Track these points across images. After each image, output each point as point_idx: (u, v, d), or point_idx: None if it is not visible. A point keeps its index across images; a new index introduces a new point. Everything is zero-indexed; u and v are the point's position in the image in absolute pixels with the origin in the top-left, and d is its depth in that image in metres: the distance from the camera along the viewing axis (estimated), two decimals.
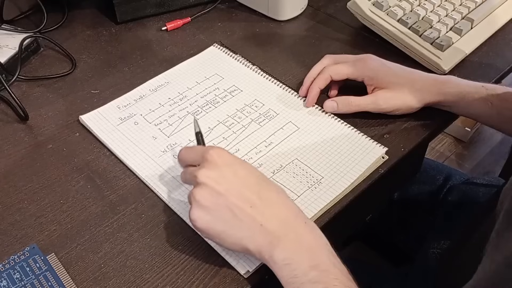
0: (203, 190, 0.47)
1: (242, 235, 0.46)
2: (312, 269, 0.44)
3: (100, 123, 0.65)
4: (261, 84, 0.71)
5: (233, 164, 0.49)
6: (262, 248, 0.46)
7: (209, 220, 0.47)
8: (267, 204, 0.47)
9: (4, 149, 0.62)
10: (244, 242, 0.46)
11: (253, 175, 0.49)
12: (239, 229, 0.46)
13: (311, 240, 0.47)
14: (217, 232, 0.47)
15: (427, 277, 0.72)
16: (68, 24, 0.82)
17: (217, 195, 0.47)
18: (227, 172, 0.48)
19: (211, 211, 0.47)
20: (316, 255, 0.45)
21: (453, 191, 0.82)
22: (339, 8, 0.85)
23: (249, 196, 0.47)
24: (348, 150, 0.61)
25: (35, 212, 0.55)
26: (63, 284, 0.49)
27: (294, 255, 0.45)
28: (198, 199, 0.47)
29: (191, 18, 0.83)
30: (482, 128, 1.78)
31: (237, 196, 0.47)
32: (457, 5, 0.78)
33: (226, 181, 0.47)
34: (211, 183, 0.47)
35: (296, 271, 0.44)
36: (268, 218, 0.46)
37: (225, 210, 0.47)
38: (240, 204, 0.47)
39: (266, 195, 0.48)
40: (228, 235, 0.47)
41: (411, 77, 0.65)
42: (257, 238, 0.46)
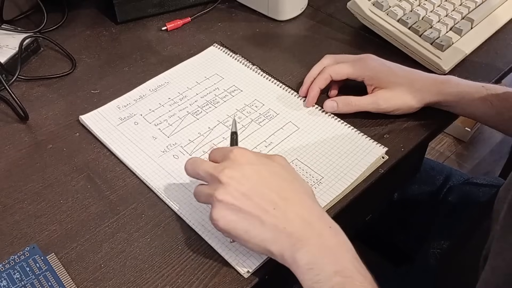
0: (226, 190, 0.46)
1: (265, 237, 0.46)
2: (336, 275, 0.43)
3: (100, 123, 0.65)
4: (261, 84, 0.71)
5: (256, 164, 0.48)
6: (284, 251, 0.45)
7: (232, 220, 0.46)
8: (290, 205, 0.47)
9: (4, 149, 0.62)
10: (267, 245, 0.46)
11: (277, 175, 0.49)
12: (262, 231, 0.46)
13: (335, 244, 0.46)
14: (239, 233, 0.47)
15: (427, 277, 0.72)
16: (68, 24, 0.82)
17: (240, 195, 0.46)
18: (250, 172, 0.48)
19: (234, 212, 0.46)
20: (340, 260, 0.44)
21: (453, 191, 0.82)
22: (339, 8, 0.85)
23: (272, 197, 0.47)
24: (348, 150, 0.61)
25: (35, 212, 0.55)
26: (63, 284, 0.49)
27: (318, 259, 0.44)
28: (221, 198, 0.46)
29: (191, 18, 0.83)
30: (482, 128, 1.78)
31: (260, 197, 0.46)
32: (457, 5, 0.78)
33: (249, 181, 0.47)
34: (234, 183, 0.47)
35: (319, 276, 0.43)
36: (291, 220, 0.46)
37: (249, 211, 0.46)
38: (263, 205, 0.46)
39: (289, 196, 0.47)
40: (250, 236, 0.46)
41: (411, 77, 0.65)
42: (279, 241, 0.45)
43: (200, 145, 0.62)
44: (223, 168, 0.48)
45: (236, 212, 0.46)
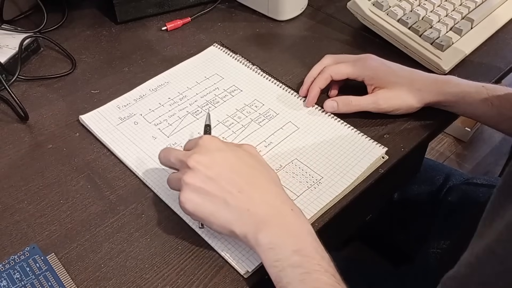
0: (194, 174, 0.48)
1: (230, 218, 0.48)
2: (294, 254, 0.45)
3: (100, 123, 0.65)
4: (261, 84, 0.71)
5: (224, 150, 0.50)
6: (248, 232, 0.47)
7: (198, 202, 0.48)
8: (255, 189, 0.49)
9: (4, 149, 0.62)
10: (231, 226, 0.48)
11: (244, 162, 0.50)
12: (227, 213, 0.48)
13: (296, 226, 0.48)
14: (205, 214, 0.48)
15: (427, 277, 0.71)
16: (68, 24, 0.82)
17: (207, 179, 0.48)
18: (218, 157, 0.50)
19: (201, 194, 0.48)
20: (300, 241, 0.46)
21: (453, 191, 0.82)
22: (339, 8, 0.85)
23: (238, 181, 0.48)
24: (348, 150, 0.61)
25: (35, 212, 0.55)
26: (63, 284, 0.49)
27: (278, 240, 0.46)
28: (188, 181, 0.48)
29: (191, 18, 0.83)
30: (482, 128, 1.78)
31: (227, 180, 0.48)
32: (457, 5, 0.78)
33: (216, 166, 0.49)
34: (201, 168, 0.48)
35: (279, 255, 0.45)
36: (256, 203, 0.48)
37: (214, 193, 0.48)
38: (229, 188, 0.48)
39: (255, 181, 0.49)
40: (216, 217, 0.48)
41: (411, 77, 0.65)
42: (243, 222, 0.47)
43: None
44: (192, 153, 0.50)
45: (202, 195, 0.48)
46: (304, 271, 0.44)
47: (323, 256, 0.46)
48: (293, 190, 0.57)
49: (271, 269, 0.46)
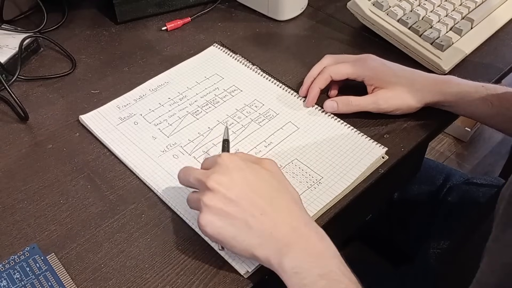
0: (214, 195, 0.47)
1: (252, 242, 0.46)
2: (321, 278, 0.44)
3: (100, 123, 0.65)
4: (261, 84, 0.71)
5: (244, 169, 0.48)
6: (271, 256, 0.45)
7: (219, 226, 0.46)
8: (277, 211, 0.47)
9: (4, 149, 0.62)
10: (254, 250, 0.46)
11: (265, 181, 0.49)
12: (249, 236, 0.46)
13: (321, 249, 0.46)
14: (226, 238, 0.47)
15: (427, 277, 0.72)
16: (68, 24, 0.82)
17: (228, 201, 0.46)
18: (238, 177, 0.48)
19: (222, 217, 0.46)
20: (326, 264, 0.45)
21: (453, 191, 0.82)
22: (339, 8, 0.85)
23: (259, 203, 0.47)
24: (347, 150, 0.61)
25: (35, 212, 0.55)
26: (63, 284, 0.49)
27: (304, 264, 0.44)
28: (209, 204, 0.46)
29: (191, 18, 0.83)
30: (482, 128, 1.78)
31: (248, 202, 0.47)
32: (457, 5, 0.78)
33: (236, 187, 0.47)
34: (221, 189, 0.47)
35: (305, 280, 0.44)
36: (278, 226, 0.46)
37: (236, 216, 0.46)
38: (250, 211, 0.46)
39: (277, 202, 0.47)
40: (237, 241, 0.46)
41: (411, 77, 0.65)
42: (266, 246, 0.46)
43: (200, 145, 0.62)
44: (211, 174, 0.48)
45: (223, 217, 0.46)
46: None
47: (350, 279, 0.44)
48: None
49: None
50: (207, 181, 0.47)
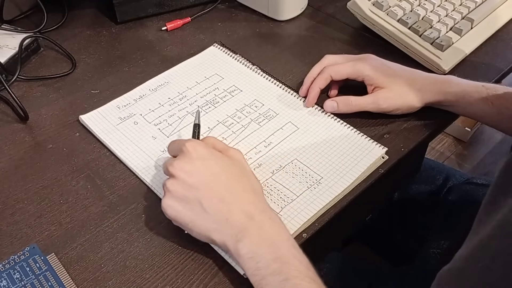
0: (175, 181, 0.50)
1: (209, 227, 0.49)
2: (274, 262, 0.46)
3: (100, 123, 0.65)
4: (260, 84, 0.71)
5: (207, 159, 0.51)
6: (227, 241, 0.48)
7: (179, 210, 0.50)
8: (234, 199, 0.49)
9: (4, 149, 0.62)
10: (211, 234, 0.49)
11: (226, 170, 0.51)
12: (206, 221, 0.49)
13: (274, 234, 0.48)
14: (185, 221, 0.50)
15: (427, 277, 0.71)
16: (68, 24, 0.82)
17: (188, 187, 0.49)
18: (200, 165, 0.50)
19: (181, 202, 0.49)
20: (278, 248, 0.47)
21: (453, 191, 0.82)
22: (339, 8, 0.85)
23: (218, 190, 0.49)
24: (347, 150, 0.61)
25: (35, 212, 0.55)
26: (63, 284, 0.49)
27: (257, 249, 0.47)
28: (171, 189, 0.50)
29: (191, 18, 0.83)
30: (482, 128, 1.78)
31: (207, 190, 0.49)
32: (457, 5, 0.78)
33: (198, 175, 0.50)
34: (183, 176, 0.50)
35: (259, 264, 0.46)
36: (234, 213, 0.49)
37: (194, 202, 0.49)
38: (208, 197, 0.49)
39: (235, 191, 0.50)
40: (195, 225, 0.49)
41: (411, 76, 0.65)
42: (222, 231, 0.48)
43: None
44: (175, 161, 0.51)
45: (183, 202, 0.49)
46: (284, 278, 0.45)
47: (301, 261, 0.47)
48: (293, 190, 0.57)
49: (252, 278, 0.47)
50: (170, 168, 0.50)
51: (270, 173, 0.59)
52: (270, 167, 0.59)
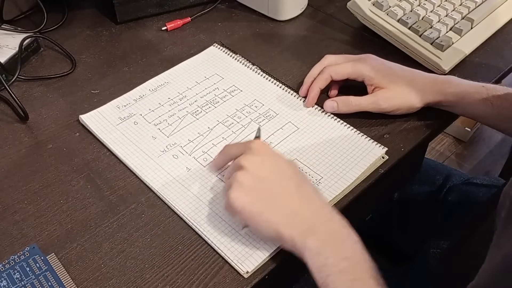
0: (245, 172, 0.50)
1: (278, 220, 0.48)
2: (343, 261, 0.46)
3: (100, 122, 0.65)
4: (260, 84, 0.71)
5: (274, 156, 0.53)
6: (295, 235, 0.47)
7: (248, 201, 0.49)
8: (304, 195, 0.50)
9: (4, 149, 0.62)
10: (279, 227, 0.48)
11: (292, 169, 0.52)
12: (276, 214, 0.48)
13: (344, 234, 0.48)
14: (253, 213, 0.49)
15: (427, 277, 0.72)
16: (68, 24, 0.82)
17: (258, 178, 0.50)
18: (269, 160, 0.51)
19: (251, 193, 0.49)
20: (348, 248, 0.47)
21: (453, 191, 0.82)
22: (339, 8, 0.85)
23: (288, 184, 0.50)
24: (347, 150, 0.61)
25: (35, 212, 0.55)
26: (63, 284, 0.49)
27: (327, 245, 0.47)
28: (241, 180, 0.49)
29: (191, 18, 0.83)
30: (482, 128, 1.78)
31: (277, 182, 0.50)
32: (457, 5, 0.78)
33: (267, 168, 0.51)
34: (253, 167, 0.50)
35: (327, 260, 0.46)
36: (304, 208, 0.49)
37: (265, 193, 0.49)
38: (279, 190, 0.49)
39: (304, 188, 0.51)
40: (264, 218, 0.48)
41: (411, 77, 0.65)
42: (292, 225, 0.48)
43: (200, 145, 0.62)
44: (245, 155, 0.52)
45: (253, 193, 0.49)
46: (353, 278, 0.45)
47: (370, 264, 0.47)
48: None
49: (317, 274, 0.46)
50: (241, 160, 0.51)
51: None
52: None
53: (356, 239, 0.48)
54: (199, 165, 0.60)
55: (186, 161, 0.60)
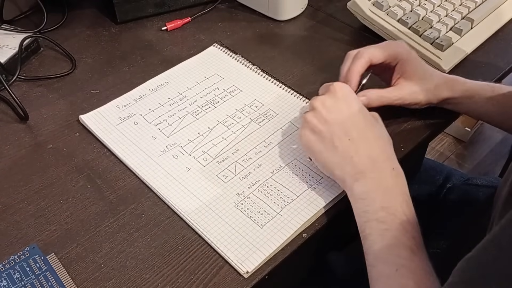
0: (314, 114, 0.55)
1: (334, 160, 0.53)
2: (382, 210, 0.49)
3: (100, 122, 0.65)
4: (260, 84, 0.71)
5: (350, 99, 0.55)
6: (346, 178, 0.52)
7: (311, 139, 0.55)
8: (364, 142, 0.53)
9: (4, 149, 0.62)
10: (333, 167, 0.53)
11: (363, 116, 0.54)
12: (332, 155, 0.53)
13: (391, 184, 0.51)
14: (314, 151, 0.55)
15: None
16: (68, 24, 0.82)
17: (324, 121, 0.54)
18: (342, 104, 0.54)
19: (315, 133, 0.54)
20: (390, 199, 0.50)
21: (453, 191, 0.82)
22: (339, 8, 0.85)
23: (351, 130, 0.53)
24: None
25: (35, 212, 0.55)
26: (63, 284, 0.49)
27: (371, 193, 0.50)
28: (309, 120, 0.55)
29: (191, 18, 0.83)
30: (482, 128, 1.78)
31: (341, 127, 0.53)
32: (457, 5, 0.78)
33: (336, 111, 0.54)
34: (322, 109, 0.54)
35: (368, 207, 0.50)
36: (360, 154, 0.52)
37: (326, 135, 0.53)
38: (340, 134, 0.53)
39: (366, 135, 0.53)
40: (322, 156, 0.54)
41: (430, 71, 0.63)
42: (345, 167, 0.52)
43: (200, 145, 0.62)
44: (323, 96, 0.56)
45: (316, 133, 0.54)
46: (386, 228, 0.48)
47: (408, 218, 0.49)
48: (292, 190, 0.57)
49: (358, 218, 0.50)
50: (313, 101, 0.55)
51: (270, 173, 0.59)
52: (270, 167, 0.59)
53: (402, 191, 0.51)
54: (199, 165, 0.60)
55: (186, 161, 0.60)
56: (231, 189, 0.57)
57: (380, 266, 0.48)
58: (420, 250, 0.48)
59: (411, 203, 0.50)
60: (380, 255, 0.48)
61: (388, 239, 0.48)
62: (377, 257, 0.48)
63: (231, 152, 0.61)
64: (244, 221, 0.54)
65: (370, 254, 0.49)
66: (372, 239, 0.49)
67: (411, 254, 0.47)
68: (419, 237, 0.48)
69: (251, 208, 0.55)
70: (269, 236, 0.52)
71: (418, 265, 0.47)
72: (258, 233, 0.53)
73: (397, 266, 0.47)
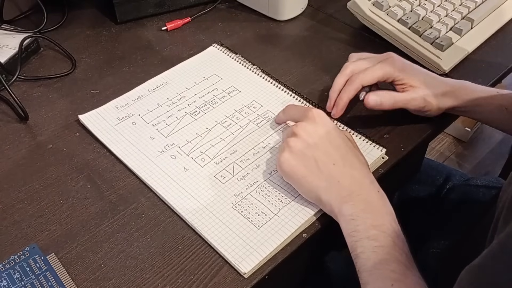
0: (296, 139, 0.54)
1: (319, 184, 0.53)
2: (373, 228, 0.49)
3: (98, 123, 0.65)
4: (259, 85, 0.71)
5: (328, 126, 0.56)
6: (333, 201, 0.52)
7: (294, 164, 0.54)
8: (348, 165, 0.53)
9: (4, 149, 0.62)
10: (319, 192, 0.52)
11: (343, 141, 0.55)
12: (317, 179, 0.53)
13: (379, 205, 0.52)
14: (298, 176, 0.54)
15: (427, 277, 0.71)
16: (68, 24, 0.82)
17: (307, 145, 0.54)
18: (321, 130, 0.55)
19: (298, 157, 0.54)
20: (380, 218, 0.50)
21: (453, 191, 0.82)
22: (339, 8, 0.85)
23: (334, 154, 0.53)
24: None
25: (35, 212, 0.55)
26: (63, 284, 0.49)
27: (361, 213, 0.50)
28: (291, 145, 0.54)
29: (191, 18, 0.83)
30: (482, 128, 1.78)
31: (324, 151, 0.53)
32: (457, 5, 0.78)
33: (318, 137, 0.54)
34: (304, 135, 0.54)
35: (359, 226, 0.49)
36: (346, 177, 0.52)
37: (310, 159, 0.53)
38: (324, 158, 0.53)
39: (349, 159, 0.54)
40: (307, 181, 0.53)
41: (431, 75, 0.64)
42: (331, 190, 0.52)
43: (198, 145, 0.62)
44: (301, 122, 0.56)
45: (299, 158, 0.54)
46: (379, 245, 0.48)
47: (398, 235, 0.49)
48: (291, 191, 0.57)
49: (348, 238, 0.50)
50: (294, 127, 0.56)
51: (268, 174, 0.59)
52: (269, 168, 0.59)
53: (389, 210, 0.51)
54: (197, 165, 0.60)
55: (184, 161, 0.60)
56: (228, 190, 0.57)
57: (375, 283, 0.48)
58: (412, 265, 0.48)
59: (397, 222, 0.51)
60: (374, 271, 0.48)
61: (381, 255, 0.48)
62: (372, 274, 0.48)
63: (229, 152, 0.61)
64: (241, 222, 0.54)
65: (364, 272, 0.48)
66: (365, 257, 0.49)
67: (405, 269, 0.47)
68: (409, 254, 0.49)
69: (248, 209, 0.55)
70: (266, 238, 0.52)
71: (413, 279, 0.47)
72: (255, 234, 0.53)
73: (392, 281, 0.47)
